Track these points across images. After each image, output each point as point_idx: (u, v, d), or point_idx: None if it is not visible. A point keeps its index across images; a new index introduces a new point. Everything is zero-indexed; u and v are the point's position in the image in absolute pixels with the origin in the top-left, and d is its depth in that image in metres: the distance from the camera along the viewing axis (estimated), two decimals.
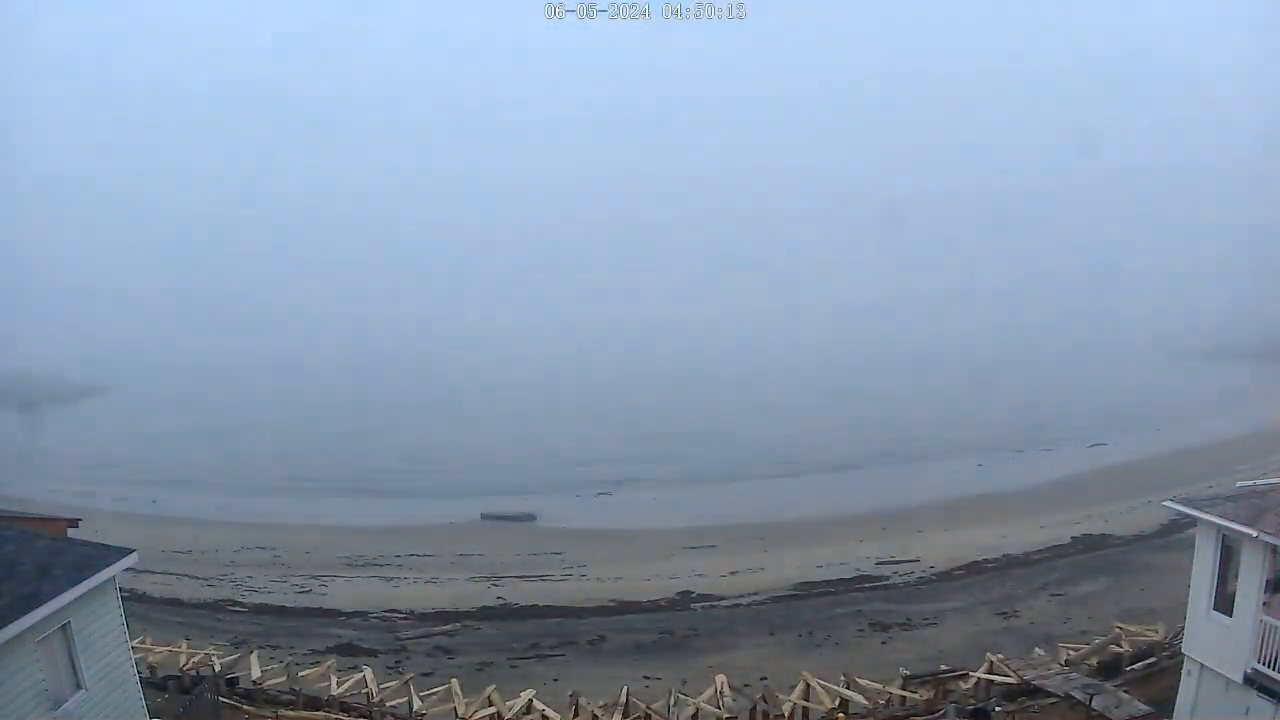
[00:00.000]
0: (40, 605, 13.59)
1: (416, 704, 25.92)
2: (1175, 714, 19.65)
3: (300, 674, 27.81)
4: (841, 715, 24.06)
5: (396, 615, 40.47)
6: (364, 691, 26.80)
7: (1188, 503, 18.70)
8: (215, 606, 41.84)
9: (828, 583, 43.15)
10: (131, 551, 16.20)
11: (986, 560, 44.80)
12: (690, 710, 25.22)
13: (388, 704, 26.62)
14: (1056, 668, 25.47)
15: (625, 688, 26.54)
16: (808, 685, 25.85)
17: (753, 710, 26.03)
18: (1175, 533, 42.90)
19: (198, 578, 46.60)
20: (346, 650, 35.00)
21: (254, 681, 27.32)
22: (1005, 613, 36.82)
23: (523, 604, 41.80)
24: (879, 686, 25.69)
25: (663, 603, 41.36)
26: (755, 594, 41.99)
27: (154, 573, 43.77)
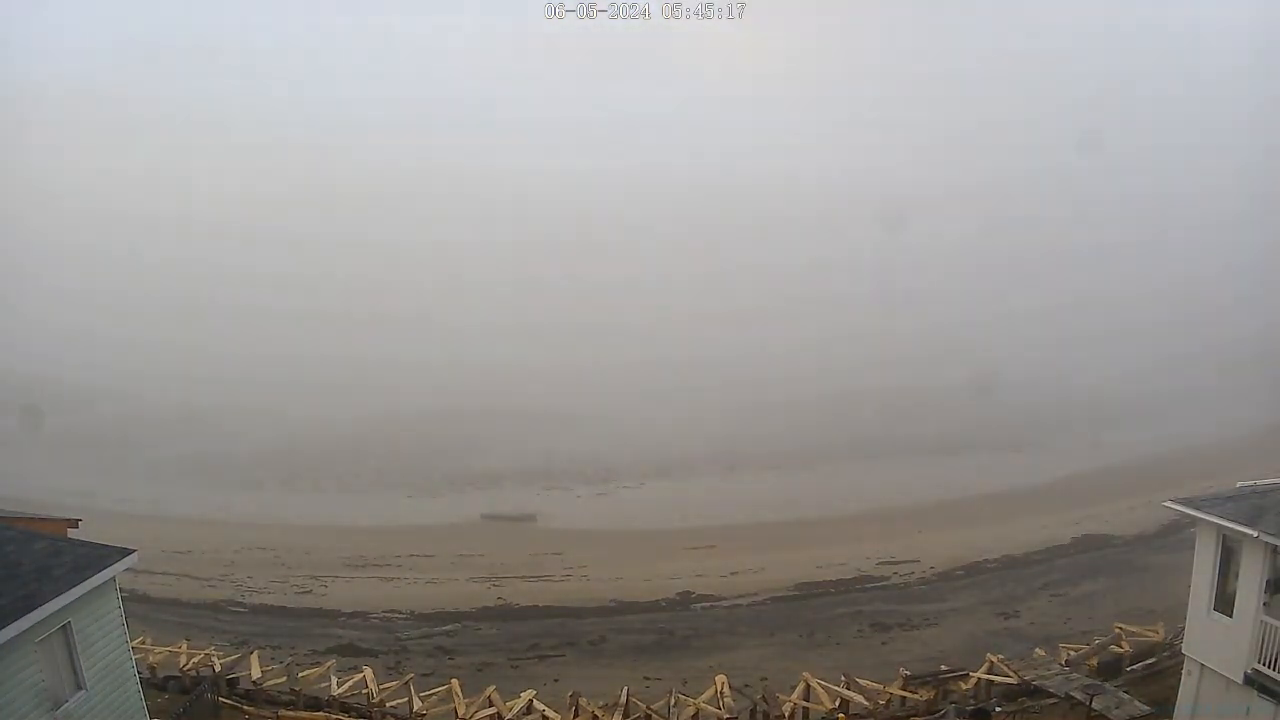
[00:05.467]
0: (40, 605, 13.59)
1: (416, 704, 25.92)
2: (1175, 714, 19.66)
3: (300, 674, 27.83)
4: (841, 715, 24.06)
5: (396, 615, 40.49)
6: (364, 692, 26.82)
7: (1188, 503, 18.69)
8: (215, 607, 41.88)
9: (828, 583, 43.17)
10: (132, 552, 16.19)
11: (986, 560, 44.82)
12: (690, 711, 25.23)
13: (388, 704, 26.62)
14: (1056, 668, 25.48)
15: (625, 688, 26.57)
16: (808, 685, 25.85)
17: (753, 710, 26.04)
18: (1175, 533, 42.89)
19: (198, 578, 46.59)
20: (347, 650, 35.05)
21: (254, 682, 27.33)
22: (1005, 613, 36.85)
23: (523, 604, 41.82)
24: (879, 687, 25.70)
25: (663, 603, 41.39)
26: (755, 594, 42.00)
27: (154, 573, 43.72)
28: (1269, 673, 16.66)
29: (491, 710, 25.35)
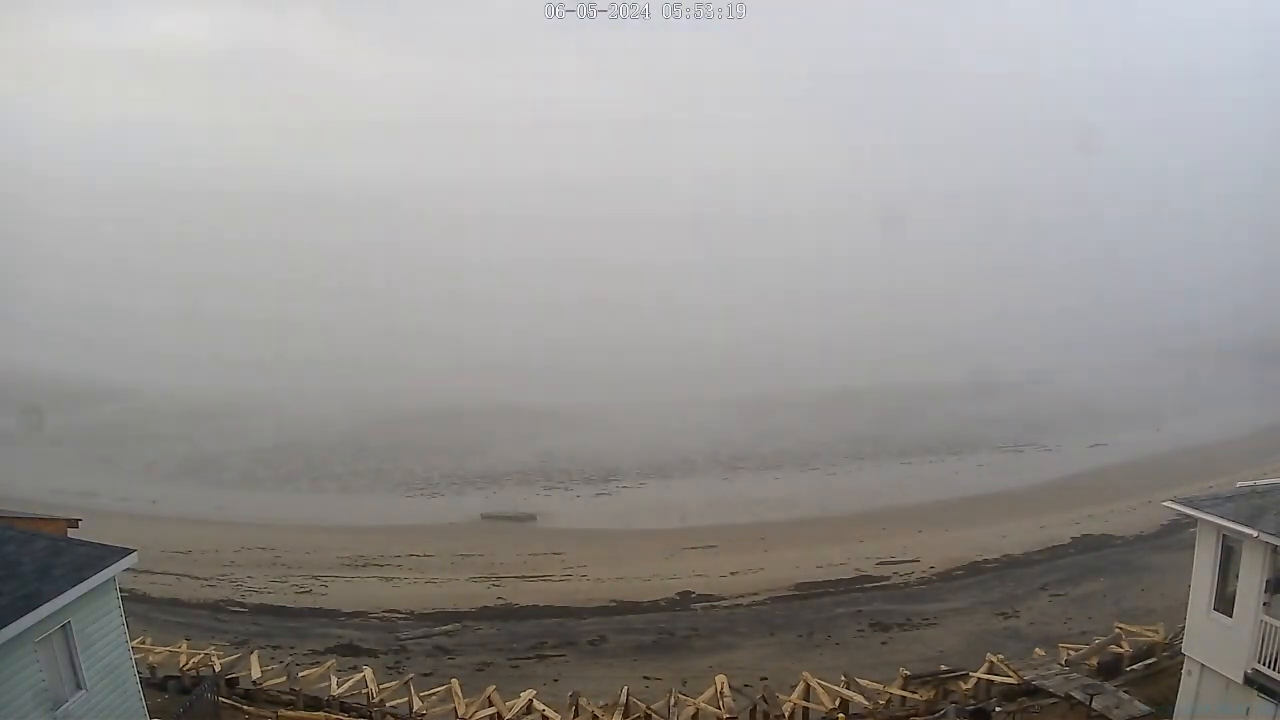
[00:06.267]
0: (40, 605, 13.60)
1: (416, 704, 25.93)
2: (1175, 714, 19.65)
3: (300, 674, 27.83)
4: (841, 715, 24.06)
5: (396, 615, 40.50)
6: (364, 691, 26.81)
7: (1188, 503, 18.67)
8: (215, 606, 41.88)
9: (828, 583, 43.16)
10: (131, 552, 16.20)
11: (986, 560, 44.81)
12: (690, 710, 25.22)
13: (388, 704, 26.62)
14: (1056, 668, 25.47)
15: (625, 688, 26.56)
16: (808, 685, 25.84)
17: (753, 710, 26.03)
18: (1175, 533, 42.90)
19: (198, 578, 46.62)
20: (346, 650, 35.05)
21: (254, 682, 27.33)
22: (1005, 613, 36.84)
23: (523, 604, 41.83)
24: (879, 686, 25.69)
25: (663, 603, 41.38)
26: (755, 594, 42.00)
27: (154, 573, 43.78)
28: (1269, 673, 16.66)
29: (491, 710, 25.34)
